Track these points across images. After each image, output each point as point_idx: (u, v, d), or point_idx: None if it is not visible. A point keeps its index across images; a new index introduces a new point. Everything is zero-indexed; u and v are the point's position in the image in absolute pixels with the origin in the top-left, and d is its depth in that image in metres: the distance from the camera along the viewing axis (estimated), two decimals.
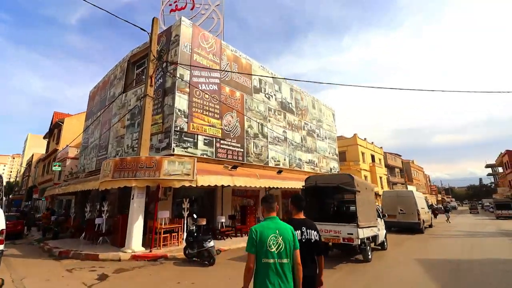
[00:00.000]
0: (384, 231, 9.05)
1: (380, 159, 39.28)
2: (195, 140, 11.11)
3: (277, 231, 2.09)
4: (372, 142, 38.32)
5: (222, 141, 12.30)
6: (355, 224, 6.80)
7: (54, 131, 30.45)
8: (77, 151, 21.93)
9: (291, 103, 18.34)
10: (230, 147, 12.66)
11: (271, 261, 2.02)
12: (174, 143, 10.26)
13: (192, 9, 15.93)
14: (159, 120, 11.13)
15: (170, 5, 16.09)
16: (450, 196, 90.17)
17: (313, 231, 2.44)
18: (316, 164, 19.83)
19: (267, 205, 2.30)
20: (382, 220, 9.17)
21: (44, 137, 36.24)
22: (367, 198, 8.06)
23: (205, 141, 11.49)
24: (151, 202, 9.39)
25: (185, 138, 10.72)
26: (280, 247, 2.05)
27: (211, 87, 12.35)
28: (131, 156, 8.85)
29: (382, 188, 32.91)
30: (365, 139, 36.30)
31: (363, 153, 34.18)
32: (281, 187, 12.54)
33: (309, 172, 17.54)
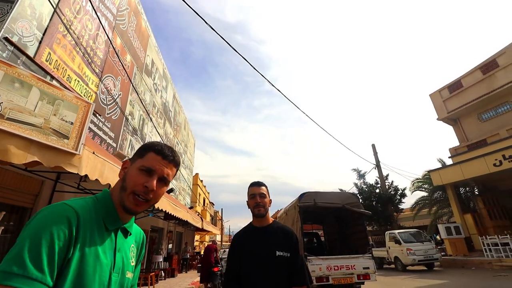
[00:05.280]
0: None
1: (207, 204, 39.33)
2: None
3: None
4: (205, 186, 38.21)
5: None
6: (370, 255, 5.33)
7: None
8: None
9: (171, 111, 14.44)
10: (101, 132, 7.02)
11: None
12: None
13: None
14: None
15: None
16: None
17: None
18: (177, 195, 15.83)
19: None
20: None
21: None
22: None
23: None
24: None
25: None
26: None
27: (101, 20, 6.90)
28: None
29: None
30: (201, 180, 35.56)
31: (199, 195, 32.77)
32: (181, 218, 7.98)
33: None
